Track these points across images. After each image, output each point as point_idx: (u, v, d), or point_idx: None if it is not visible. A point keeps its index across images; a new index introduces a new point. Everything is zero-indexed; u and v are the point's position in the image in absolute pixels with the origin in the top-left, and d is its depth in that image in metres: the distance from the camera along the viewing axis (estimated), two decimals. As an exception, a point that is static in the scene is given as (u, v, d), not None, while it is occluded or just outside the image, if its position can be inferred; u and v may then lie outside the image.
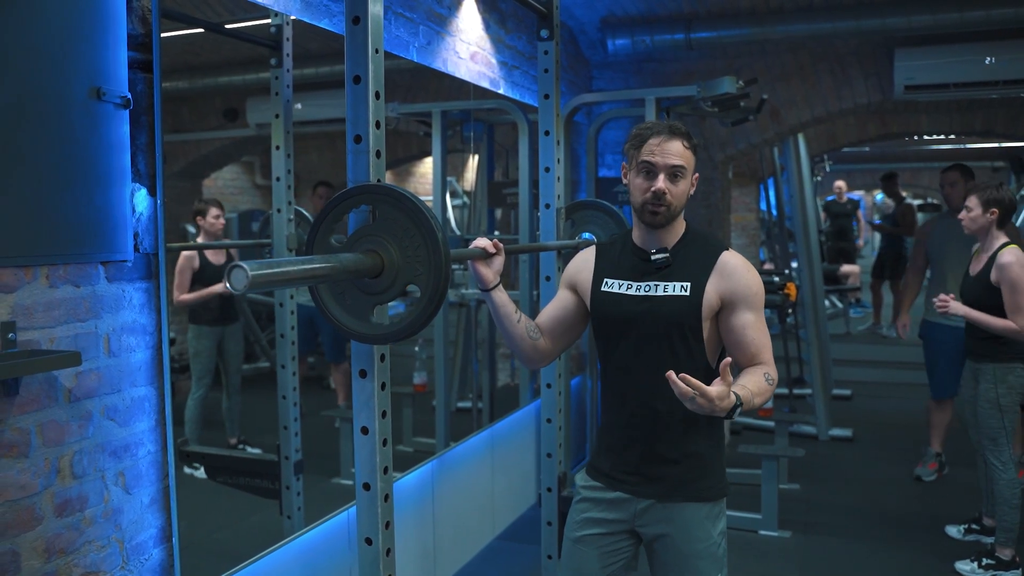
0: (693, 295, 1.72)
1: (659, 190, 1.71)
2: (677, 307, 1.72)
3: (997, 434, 3.17)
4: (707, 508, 1.78)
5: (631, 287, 1.78)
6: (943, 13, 3.93)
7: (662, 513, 1.78)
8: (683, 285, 1.73)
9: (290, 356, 2.33)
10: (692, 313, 1.72)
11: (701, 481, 1.78)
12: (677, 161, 1.71)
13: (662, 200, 1.72)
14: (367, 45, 1.38)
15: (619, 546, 1.84)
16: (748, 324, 1.72)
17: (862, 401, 6.26)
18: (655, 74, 4.69)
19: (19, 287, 1.42)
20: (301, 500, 2.34)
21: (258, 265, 1.07)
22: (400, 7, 2.67)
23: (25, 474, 1.43)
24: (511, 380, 4.55)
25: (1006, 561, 3.18)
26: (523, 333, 1.79)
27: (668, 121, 1.81)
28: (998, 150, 9.68)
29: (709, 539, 1.77)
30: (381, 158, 1.42)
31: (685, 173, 1.74)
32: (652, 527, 1.80)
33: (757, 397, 1.61)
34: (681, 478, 1.77)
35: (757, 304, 1.73)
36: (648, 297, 1.75)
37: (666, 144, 1.72)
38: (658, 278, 1.76)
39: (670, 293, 1.73)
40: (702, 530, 1.77)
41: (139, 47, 1.66)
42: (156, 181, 1.69)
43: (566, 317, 1.86)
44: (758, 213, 8.51)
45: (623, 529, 1.83)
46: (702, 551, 1.76)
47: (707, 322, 1.73)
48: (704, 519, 1.77)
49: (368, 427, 1.46)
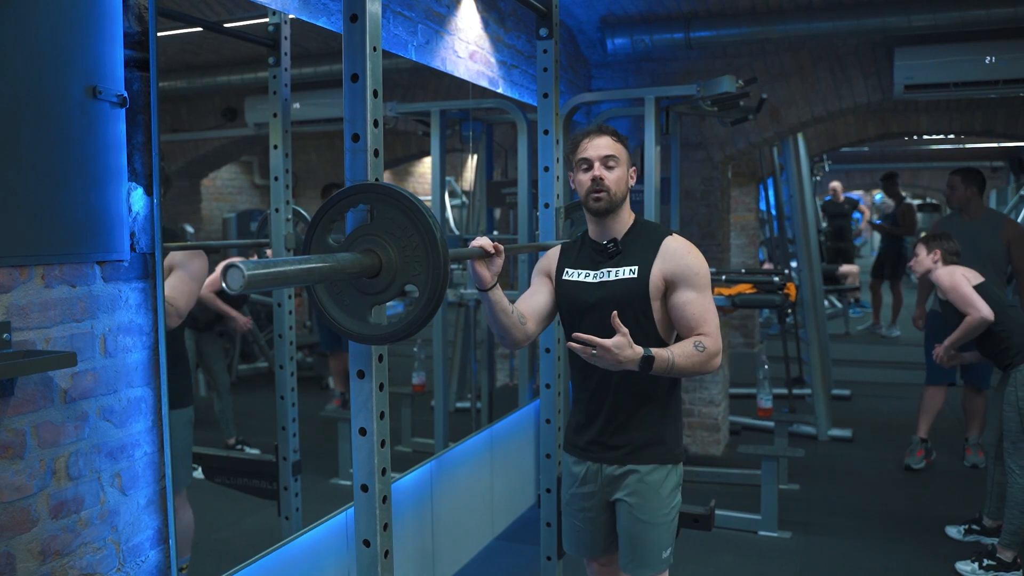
0: (640, 277, 1.93)
1: (596, 176, 1.95)
2: (627, 289, 1.93)
3: (1019, 438, 3.17)
4: (661, 474, 2.00)
5: (588, 275, 2.00)
6: (943, 12, 3.92)
7: (623, 479, 2.01)
8: (631, 268, 1.95)
9: (288, 356, 2.32)
10: (640, 294, 1.93)
11: (654, 447, 2.00)
12: (608, 151, 1.96)
13: (601, 185, 1.95)
14: (365, 43, 1.37)
15: (602, 516, 2.09)
16: (688, 301, 1.91)
17: (861, 401, 6.25)
18: (654, 73, 4.68)
19: (14, 287, 1.41)
20: (299, 501, 2.33)
21: (254, 265, 1.06)
22: (399, 6, 2.66)
23: (20, 475, 1.42)
24: (510, 380, 4.54)
25: (1007, 563, 3.17)
26: (515, 323, 1.95)
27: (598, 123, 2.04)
28: (998, 150, 9.69)
29: (664, 508, 2.00)
30: (379, 157, 1.41)
31: (618, 162, 1.97)
32: (616, 494, 2.03)
33: (679, 357, 1.82)
34: (635, 443, 1.99)
35: (699, 283, 1.92)
36: (604, 283, 1.97)
37: (595, 139, 1.98)
38: (611, 264, 1.98)
39: (621, 277, 1.95)
40: (657, 499, 1.99)
41: (135, 45, 1.64)
42: (152, 180, 1.68)
43: (548, 301, 2.07)
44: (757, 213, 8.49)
45: (599, 501, 2.07)
46: (655, 520, 1.99)
47: (656, 302, 1.94)
48: (658, 487, 1.99)
49: (366, 428, 1.45)
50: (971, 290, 3.31)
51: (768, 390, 4.68)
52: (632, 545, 2.01)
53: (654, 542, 1.99)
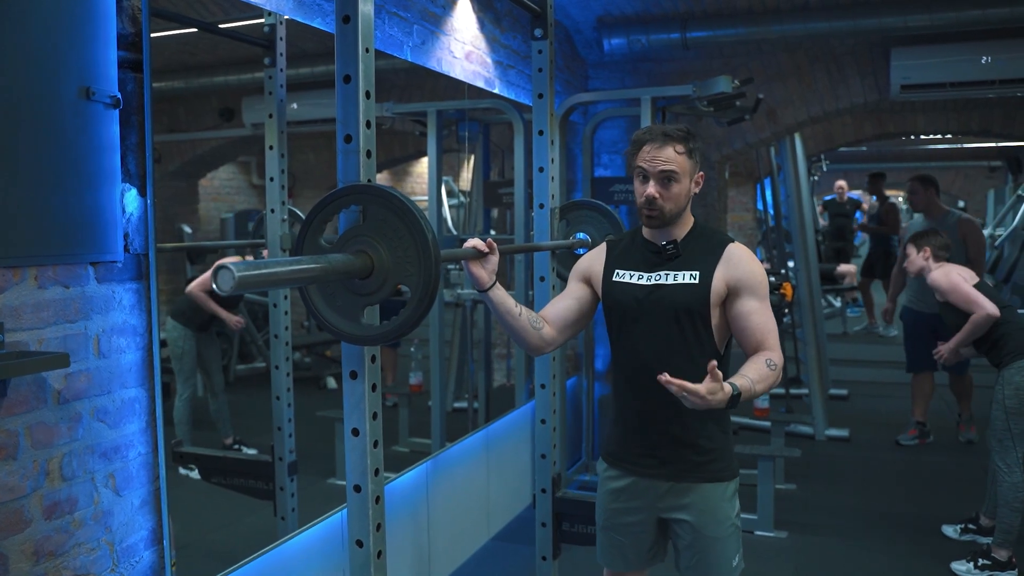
0: (702, 283, 1.81)
1: (650, 195, 1.82)
2: (686, 294, 1.81)
3: (1003, 436, 3.18)
4: (722, 489, 1.88)
5: (642, 277, 1.87)
6: (939, 13, 3.93)
7: (680, 498, 1.88)
8: (692, 274, 1.83)
9: (284, 356, 2.32)
10: (701, 300, 1.80)
11: (713, 464, 1.87)
12: (667, 167, 1.81)
13: (654, 205, 1.83)
14: (357, 44, 1.37)
15: (649, 532, 1.96)
16: (753, 311, 1.80)
17: (859, 401, 6.25)
18: (651, 74, 4.69)
19: (7, 288, 1.41)
20: (295, 501, 2.34)
21: (245, 266, 1.07)
22: (394, 6, 2.67)
23: (13, 476, 1.42)
24: (507, 380, 4.54)
25: (1002, 562, 3.18)
26: (526, 325, 1.86)
27: (666, 126, 1.89)
28: (995, 149, 9.70)
29: (728, 521, 1.88)
30: (372, 158, 1.42)
31: (679, 177, 1.83)
32: (672, 512, 1.90)
33: (759, 384, 1.68)
34: (694, 460, 1.86)
35: (762, 292, 1.82)
36: (659, 285, 1.84)
37: (658, 151, 1.82)
38: (668, 268, 1.86)
39: (680, 281, 1.83)
40: (721, 512, 1.87)
41: (129, 47, 1.65)
42: (146, 181, 1.68)
43: (577, 307, 1.95)
44: (755, 213, 8.51)
45: (647, 517, 1.94)
46: (722, 534, 1.87)
47: (715, 309, 1.82)
48: (721, 501, 1.88)
49: (359, 429, 1.46)
50: (972, 288, 3.30)
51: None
52: (700, 561, 1.89)
53: (724, 553, 1.88)
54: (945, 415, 5.57)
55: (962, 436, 5.03)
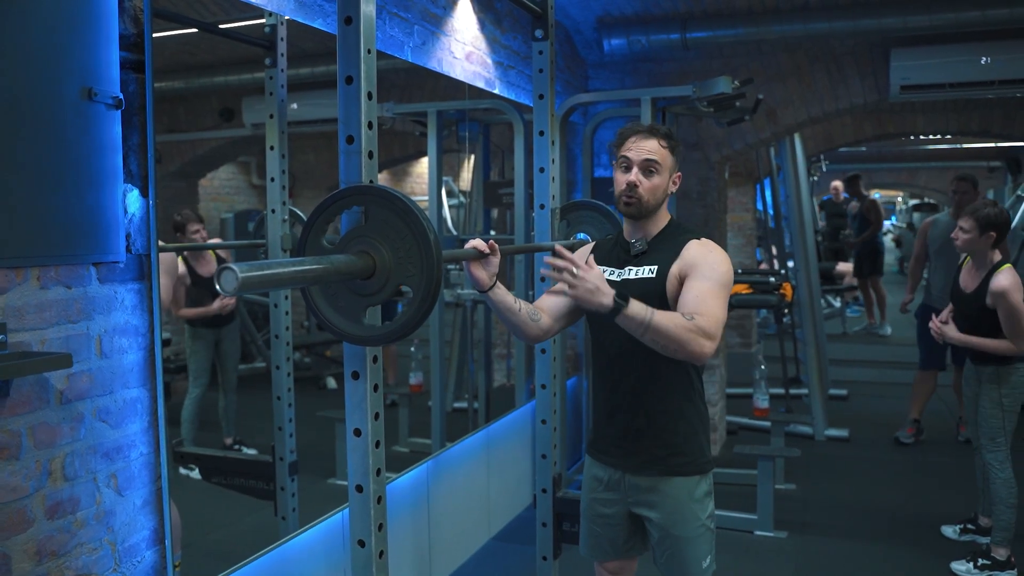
0: (658, 276, 1.89)
1: (631, 182, 1.89)
2: (644, 287, 1.88)
3: (996, 433, 3.18)
4: (688, 487, 1.93)
5: (614, 273, 1.97)
6: (939, 13, 3.93)
7: (647, 494, 1.95)
8: (651, 268, 1.91)
9: (284, 357, 2.33)
10: (656, 292, 1.87)
11: (676, 458, 1.93)
12: (650, 156, 1.89)
13: (634, 192, 1.89)
14: (359, 45, 1.37)
15: (623, 524, 2.03)
16: (692, 287, 1.81)
17: (858, 401, 6.26)
18: (651, 74, 4.69)
19: (10, 288, 1.41)
20: (296, 501, 2.34)
21: (248, 267, 1.07)
22: (395, 7, 2.67)
23: (16, 476, 1.42)
24: (507, 380, 4.55)
25: (1002, 561, 3.18)
26: (526, 319, 1.91)
27: (652, 123, 1.96)
28: (994, 150, 9.70)
29: (697, 521, 1.93)
30: (373, 159, 1.42)
31: (659, 169, 1.90)
32: (641, 508, 1.98)
33: (659, 316, 1.70)
34: (657, 454, 1.93)
35: (712, 276, 1.82)
36: (625, 281, 1.93)
37: (642, 141, 1.91)
38: (634, 264, 1.95)
39: (640, 276, 1.92)
40: (688, 512, 1.93)
41: (131, 47, 1.65)
42: (148, 182, 1.68)
43: (568, 301, 1.99)
44: (754, 213, 8.51)
45: (620, 510, 2.02)
46: (690, 534, 1.93)
47: (673, 302, 1.87)
48: (689, 501, 1.93)
49: (361, 429, 1.46)
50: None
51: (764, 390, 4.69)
52: (670, 559, 1.96)
53: (692, 554, 1.93)
54: (945, 415, 5.58)
55: (962, 436, 5.04)
